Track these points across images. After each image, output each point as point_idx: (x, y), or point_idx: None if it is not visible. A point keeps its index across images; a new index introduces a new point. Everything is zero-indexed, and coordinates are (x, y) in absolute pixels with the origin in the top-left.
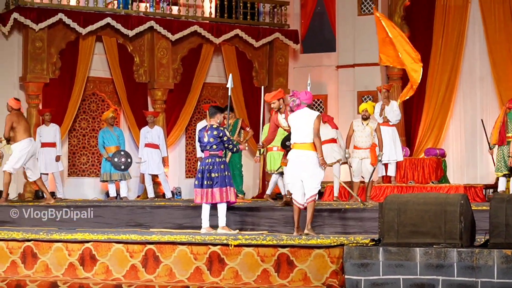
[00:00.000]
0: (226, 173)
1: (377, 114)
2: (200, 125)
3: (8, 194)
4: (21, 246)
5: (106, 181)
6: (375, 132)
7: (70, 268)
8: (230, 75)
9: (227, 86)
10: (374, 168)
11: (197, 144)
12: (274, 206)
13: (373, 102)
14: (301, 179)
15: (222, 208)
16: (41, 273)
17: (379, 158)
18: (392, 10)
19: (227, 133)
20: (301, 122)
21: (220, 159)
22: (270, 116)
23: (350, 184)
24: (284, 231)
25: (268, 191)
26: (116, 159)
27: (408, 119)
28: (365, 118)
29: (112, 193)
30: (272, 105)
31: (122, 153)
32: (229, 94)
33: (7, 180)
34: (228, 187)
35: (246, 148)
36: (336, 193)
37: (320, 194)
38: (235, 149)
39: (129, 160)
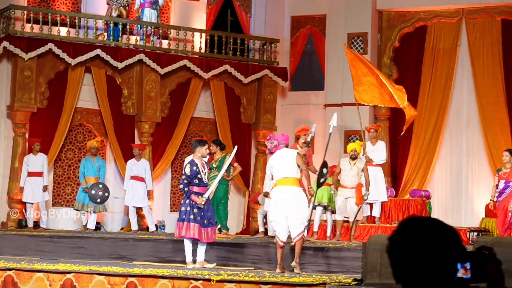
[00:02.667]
0: (186, 208)
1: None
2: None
3: None
4: (2, 275)
5: (78, 210)
6: (362, 172)
7: None
8: (335, 114)
9: (331, 124)
10: (360, 208)
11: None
12: (258, 243)
13: (361, 142)
14: (285, 216)
15: (199, 244)
16: None
17: (365, 198)
18: (381, 51)
19: (187, 170)
20: (282, 159)
21: (184, 194)
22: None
23: (334, 222)
24: (267, 268)
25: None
26: (93, 192)
27: (394, 160)
28: (354, 157)
29: (88, 224)
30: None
31: (101, 186)
32: (330, 131)
33: None
34: (185, 222)
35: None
36: (315, 229)
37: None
38: (180, 186)
39: (106, 194)
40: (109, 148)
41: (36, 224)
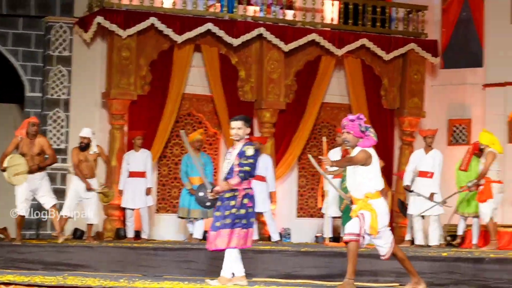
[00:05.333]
0: None
1: None
2: (333, 152)
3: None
4: None
5: (183, 217)
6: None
7: None
8: None
9: None
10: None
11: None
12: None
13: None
14: None
15: None
16: None
17: (468, 185)
18: None
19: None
20: None
21: None
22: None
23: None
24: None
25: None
26: (201, 193)
27: None
28: None
29: (195, 233)
30: None
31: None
32: None
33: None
34: None
35: None
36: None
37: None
38: None
39: (217, 196)
40: (222, 141)
41: (137, 234)
